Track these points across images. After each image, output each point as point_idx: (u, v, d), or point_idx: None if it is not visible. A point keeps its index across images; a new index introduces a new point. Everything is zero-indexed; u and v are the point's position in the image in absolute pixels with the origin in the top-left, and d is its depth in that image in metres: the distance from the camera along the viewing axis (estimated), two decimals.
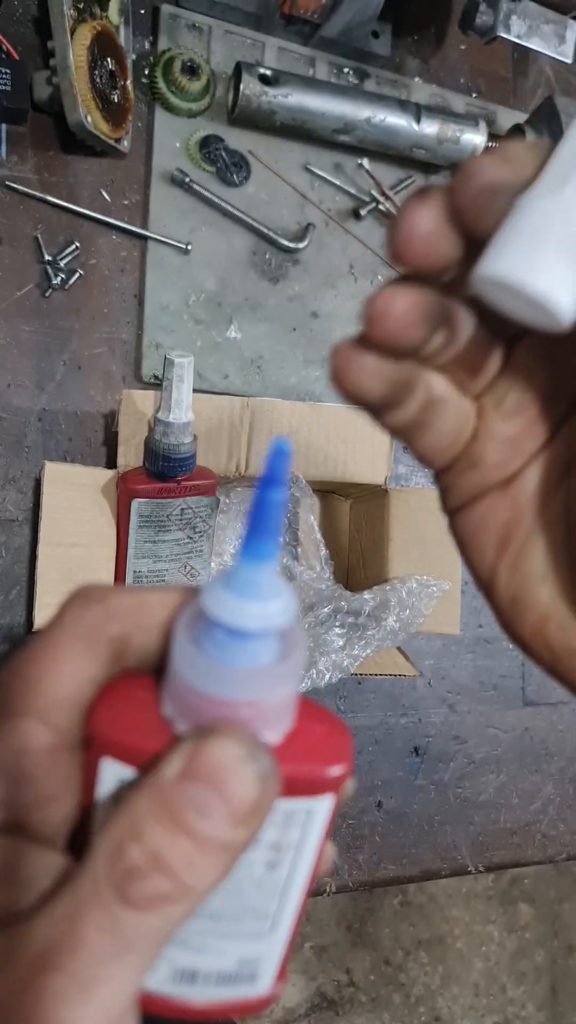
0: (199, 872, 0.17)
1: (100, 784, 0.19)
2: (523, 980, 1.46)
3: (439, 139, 0.66)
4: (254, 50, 0.65)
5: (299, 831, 0.20)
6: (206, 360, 0.62)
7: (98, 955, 0.16)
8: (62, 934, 0.16)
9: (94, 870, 0.16)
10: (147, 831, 0.17)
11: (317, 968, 1.34)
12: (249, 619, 0.18)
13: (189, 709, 0.18)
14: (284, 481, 0.17)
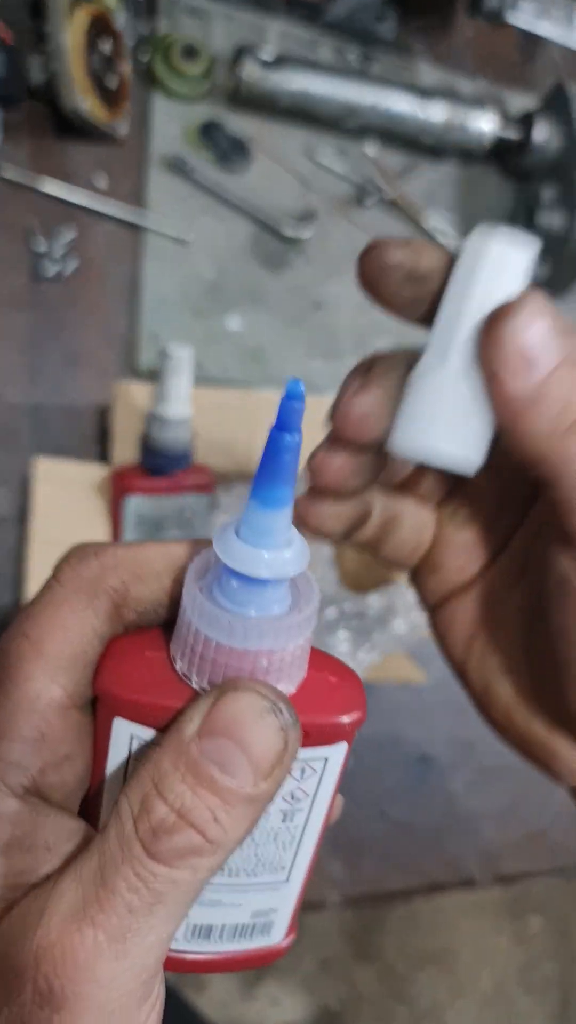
0: (226, 826, 0.17)
1: (113, 744, 0.19)
2: (533, 992, 1.43)
3: (446, 125, 0.64)
4: (256, 34, 0.64)
5: (315, 780, 0.20)
6: (205, 352, 0.60)
7: (130, 909, 0.16)
8: (93, 891, 0.16)
9: (120, 828, 0.17)
10: (172, 788, 0.17)
11: (320, 981, 1.32)
12: (263, 567, 0.18)
13: (203, 662, 0.18)
14: (297, 425, 0.17)
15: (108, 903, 0.16)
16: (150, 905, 0.17)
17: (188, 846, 0.17)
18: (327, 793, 0.21)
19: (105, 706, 0.19)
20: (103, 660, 0.19)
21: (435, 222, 0.67)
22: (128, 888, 0.16)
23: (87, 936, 0.16)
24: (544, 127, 0.64)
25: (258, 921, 0.22)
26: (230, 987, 1.27)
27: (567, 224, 0.63)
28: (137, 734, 0.19)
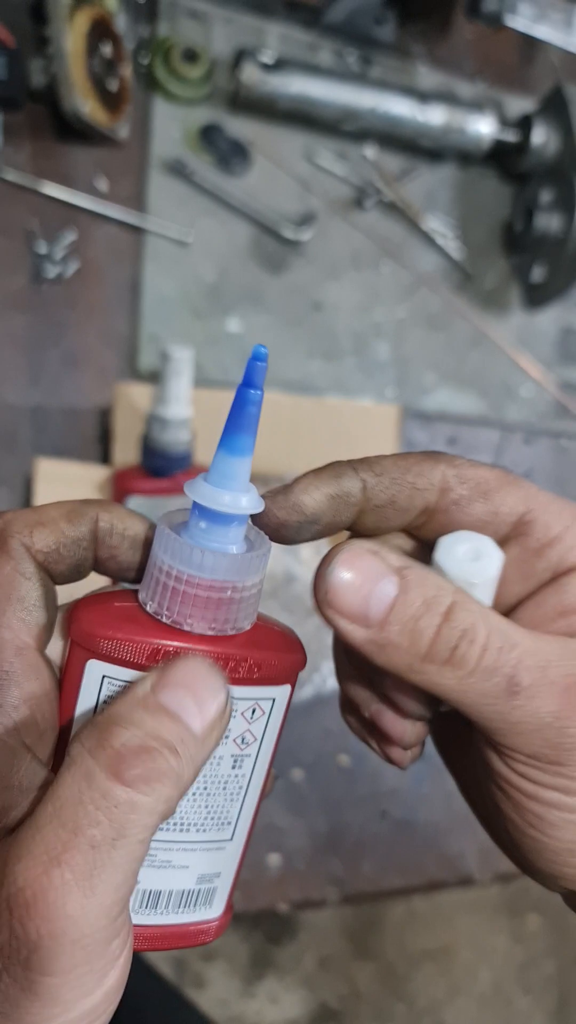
0: (186, 755, 0.18)
1: (84, 689, 0.20)
2: (531, 991, 1.44)
3: (445, 127, 0.64)
4: (255, 37, 0.64)
5: (263, 722, 0.22)
6: (205, 353, 0.60)
7: (92, 845, 0.17)
8: (53, 832, 0.17)
9: (75, 767, 0.18)
10: (133, 718, 0.18)
11: (320, 979, 1.32)
12: (226, 503, 0.20)
13: (175, 596, 0.20)
14: (260, 383, 0.20)
15: (71, 842, 0.17)
16: (112, 840, 0.17)
17: (154, 767, 0.18)
18: (271, 740, 0.23)
19: (79, 649, 0.21)
20: (75, 611, 0.21)
21: (434, 224, 0.67)
22: (89, 823, 0.17)
23: (54, 876, 0.17)
24: (542, 129, 0.64)
25: (203, 887, 0.23)
26: (230, 985, 1.28)
27: (565, 226, 0.63)
28: (110, 675, 0.20)
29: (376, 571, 0.20)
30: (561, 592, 0.22)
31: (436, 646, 0.20)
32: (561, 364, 0.72)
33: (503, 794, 0.22)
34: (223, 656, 0.21)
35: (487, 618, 0.20)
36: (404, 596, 0.20)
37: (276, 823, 0.59)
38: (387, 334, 0.66)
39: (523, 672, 0.20)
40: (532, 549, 0.23)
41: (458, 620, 0.20)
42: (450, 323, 0.68)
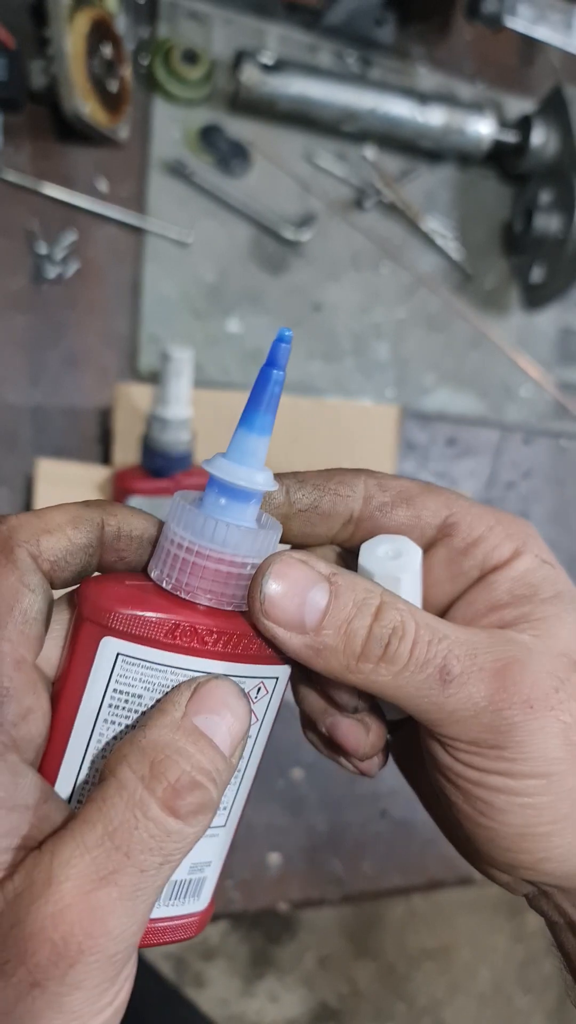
0: (222, 785, 0.19)
1: (96, 668, 0.20)
2: (531, 990, 1.44)
3: (444, 128, 0.64)
4: (255, 38, 0.64)
5: (265, 702, 0.23)
6: (205, 354, 0.60)
7: (142, 870, 0.18)
8: (104, 855, 0.18)
9: (129, 794, 0.18)
10: (183, 750, 0.19)
11: (320, 978, 1.32)
12: (242, 479, 0.21)
13: (194, 571, 0.20)
14: (284, 364, 0.20)
15: (122, 866, 0.18)
16: (159, 865, 0.18)
17: (203, 800, 0.19)
18: (270, 721, 0.23)
19: (92, 625, 0.20)
20: (85, 588, 0.21)
21: (434, 224, 0.67)
22: (142, 850, 0.18)
23: (102, 896, 0.18)
24: (542, 130, 0.65)
25: (193, 877, 0.23)
26: (230, 984, 1.28)
27: (564, 226, 0.63)
28: (126, 653, 0.20)
29: (307, 579, 0.21)
30: (490, 589, 0.23)
31: (369, 645, 0.21)
32: (560, 364, 0.72)
33: (452, 786, 0.22)
34: (239, 631, 0.21)
35: (415, 614, 0.21)
36: (335, 601, 0.21)
37: (276, 822, 0.59)
38: (387, 335, 0.66)
39: (453, 661, 0.21)
40: (458, 549, 0.24)
41: (388, 618, 0.21)
42: (450, 323, 0.68)
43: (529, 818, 0.21)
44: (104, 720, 0.21)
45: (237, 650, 0.21)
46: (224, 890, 0.56)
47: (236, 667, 0.21)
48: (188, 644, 0.21)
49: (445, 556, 0.24)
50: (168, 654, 0.21)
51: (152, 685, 0.21)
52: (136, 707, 0.21)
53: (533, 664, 0.21)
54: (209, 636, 0.21)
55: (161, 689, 0.21)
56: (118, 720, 0.21)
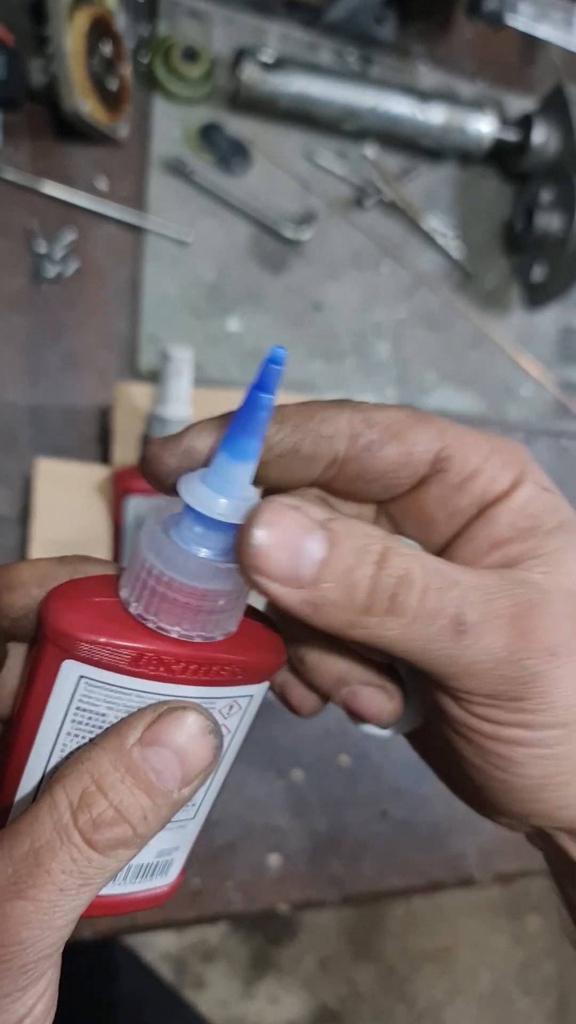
0: (151, 822, 0.19)
1: (56, 690, 0.20)
2: (531, 992, 1.43)
3: (445, 127, 0.64)
4: (255, 36, 0.64)
5: (238, 717, 0.22)
6: (205, 353, 0.60)
7: (61, 889, 0.18)
8: (27, 869, 0.18)
9: (58, 816, 0.19)
10: (113, 786, 0.19)
11: (320, 980, 1.32)
12: (219, 512, 0.19)
13: (163, 602, 0.19)
14: (274, 388, 0.19)
15: (41, 882, 0.18)
16: (79, 886, 0.19)
17: (121, 837, 0.19)
18: (244, 731, 0.23)
19: (54, 648, 0.20)
20: (50, 603, 0.20)
21: (434, 223, 0.67)
22: (63, 871, 0.18)
23: (17, 907, 0.18)
24: (543, 129, 0.64)
25: (160, 860, 0.23)
26: (230, 986, 1.27)
27: (565, 226, 0.63)
28: (89, 676, 0.20)
29: (301, 527, 0.19)
30: (490, 524, 0.22)
31: (374, 596, 0.19)
32: (561, 364, 0.71)
33: (463, 740, 0.21)
34: (208, 661, 0.20)
35: (422, 559, 0.19)
36: (334, 549, 0.19)
37: (276, 823, 0.59)
38: (387, 334, 0.66)
39: (467, 609, 0.19)
40: (453, 485, 0.22)
41: (393, 566, 0.19)
42: (450, 323, 0.68)
43: (548, 768, 0.20)
44: (67, 734, 0.20)
45: (208, 676, 0.20)
46: (224, 891, 0.56)
47: (206, 690, 0.21)
48: (154, 672, 0.20)
49: (439, 493, 0.22)
50: (132, 679, 0.20)
51: (116, 705, 0.20)
52: (100, 724, 0.20)
53: (551, 608, 0.20)
54: (176, 664, 0.20)
55: (126, 709, 0.20)
56: (81, 734, 0.21)
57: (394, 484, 0.22)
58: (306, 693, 0.25)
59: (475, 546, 0.22)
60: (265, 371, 0.19)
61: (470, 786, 0.23)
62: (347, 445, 0.22)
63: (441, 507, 0.22)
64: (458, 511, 0.22)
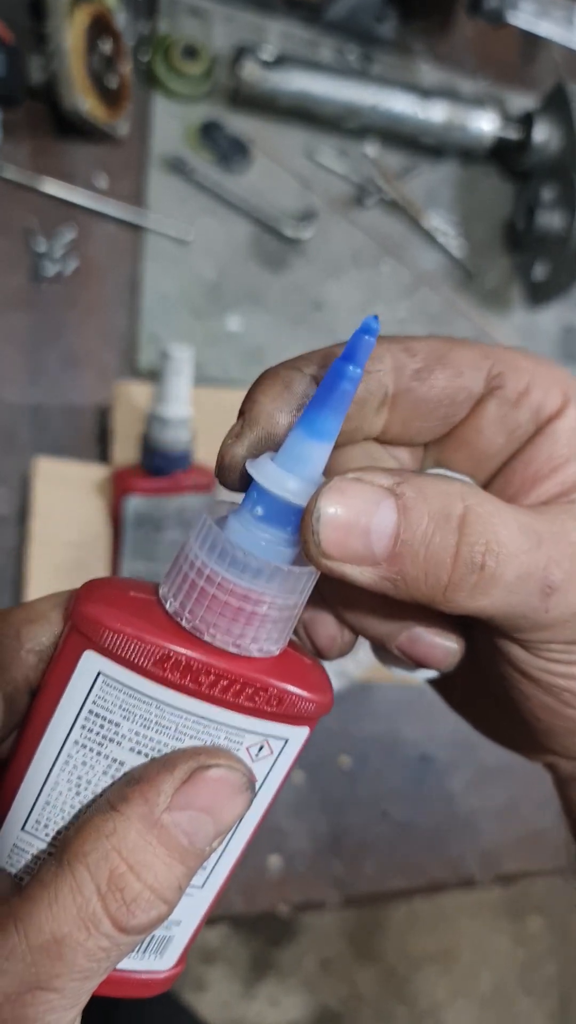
0: (183, 887, 0.18)
1: (73, 683, 0.18)
2: (533, 993, 1.43)
3: (446, 125, 0.64)
4: (256, 34, 0.64)
5: (268, 763, 0.19)
6: (205, 352, 0.60)
7: (87, 976, 0.17)
8: (53, 961, 0.17)
9: (83, 902, 0.17)
10: (146, 863, 0.17)
11: (321, 981, 1.32)
12: (289, 490, 0.17)
13: (201, 599, 0.18)
14: (363, 360, 0.17)
15: (65, 972, 0.17)
16: (106, 968, 0.18)
17: (158, 917, 0.18)
18: (274, 785, 0.20)
19: (78, 635, 0.18)
20: (82, 591, 0.19)
21: (435, 222, 0.67)
22: (89, 959, 0.17)
23: (39, 997, 0.17)
24: (544, 127, 0.64)
25: (157, 934, 0.21)
26: (230, 987, 1.27)
27: (567, 224, 0.63)
28: (108, 673, 0.18)
29: (368, 498, 0.17)
30: (551, 442, 0.20)
31: (458, 571, 0.17)
32: (563, 363, 0.71)
33: (527, 680, 0.21)
34: (242, 679, 0.18)
35: (503, 515, 0.18)
36: (405, 518, 0.17)
37: (277, 825, 0.58)
38: (388, 333, 0.66)
39: (554, 569, 0.18)
40: (511, 401, 0.20)
41: (476, 533, 0.17)
42: (451, 322, 0.68)
43: None
44: (75, 742, 0.19)
45: (238, 699, 0.18)
46: (224, 893, 0.55)
47: (235, 717, 0.19)
48: (179, 680, 0.18)
49: (496, 412, 0.20)
50: (155, 685, 0.18)
51: (132, 715, 0.18)
52: (112, 735, 0.19)
53: None
54: (205, 676, 0.18)
55: (142, 722, 0.18)
56: (90, 745, 0.19)
57: (452, 412, 0.21)
58: (337, 632, 0.22)
59: (535, 468, 0.21)
60: (355, 341, 0.17)
61: (515, 726, 0.22)
62: (395, 377, 0.20)
63: (500, 427, 0.21)
64: (517, 428, 0.21)
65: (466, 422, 0.21)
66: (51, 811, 0.19)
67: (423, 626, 0.21)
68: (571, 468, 0.20)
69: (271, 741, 0.19)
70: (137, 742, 0.19)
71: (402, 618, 0.21)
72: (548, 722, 0.21)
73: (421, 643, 0.21)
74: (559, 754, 0.23)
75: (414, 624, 0.21)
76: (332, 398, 0.17)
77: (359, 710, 0.61)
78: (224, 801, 0.18)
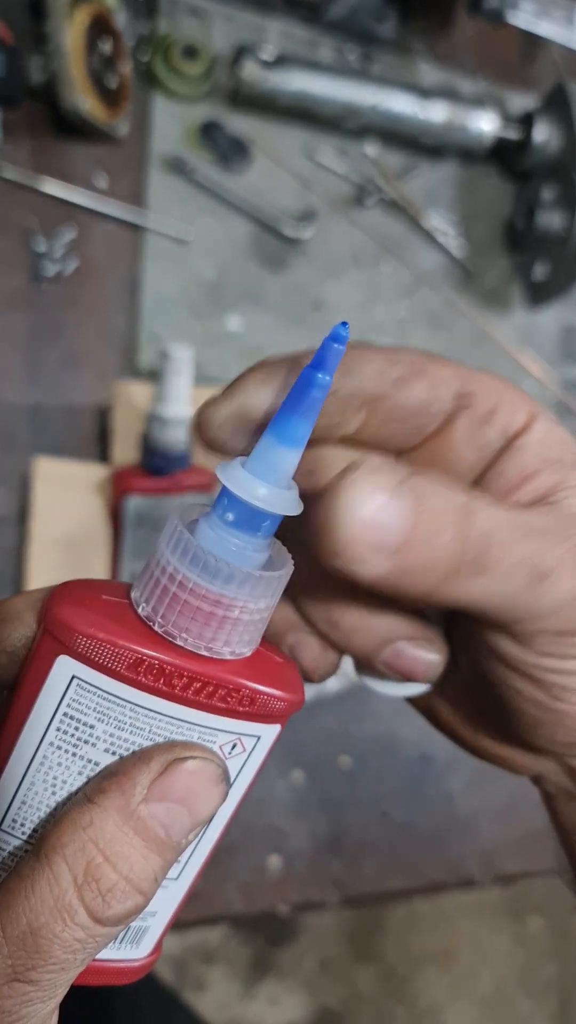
0: (160, 880, 0.19)
1: (47, 688, 0.18)
2: (532, 993, 1.43)
3: (446, 125, 0.64)
4: (256, 33, 0.63)
5: (241, 760, 0.20)
6: (205, 352, 0.60)
7: (63, 968, 0.18)
8: (29, 953, 0.17)
9: (60, 892, 0.17)
10: (121, 854, 0.18)
11: (320, 981, 1.32)
12: (258, 497, 0.17)
13: (173, 604, 0.18)
14: (332, 368, 0.17)
15: (42, 964, 0.17)
16: (82, 960, 0.18)
17: (133, 909, 0.18)
18: (246, 781, 0.21)
19: (51, 640, 0.18)
20: (55, 595, 0.19)
21: (435, 222, 0.67)
22: (64, 950, 0.17)
23: (16, 988, 0.17)
24: (544, 127, 0.64)
25: (133, 925, 0.21)
26: (230, 987, 1.27)
27: (567, 224, 0.63)
28: (82, 677, 0.18)
29: (382, 489, 0.18)
30: (519, 455, 0.21)
31: (463, 557, 0.18)
32: (563, 363, 0.71)
33: (521, 676, 0.21)
34: (214, 681, 0.18)
35: (499, 509, 0.19)
36: (419, 508, 0.18)
37: (276, 825, 0.58)
38: (388, 333, 0.66)
39: (546, 555, 0.19)
40: (479, 419, 0.22)
41: (480, 521, 0.18)
42: (452, 322, 0.68)
43: None
44: (50, 744, 0.19)
45: (211, 700, 0.19)
46: (224, 892, 0.55)
47: (208, 718, 0.19)
48: (153, 683, 0.18)
49: (467, 428, 0.22)
50: (129, 689, 0.18)
51: (107, 718, 0.19)
52: (87, 737, 0.19)
53: None
54: (179, 679, 0.18)
55: (117, 724, 0.19)
56: (65, 747, 0.19)
57: (424, 423, 0.22)
58: (322, 654, 0.23)
59: (507, 479, 0.22)
60: (324, 349, 0.17)
61: (502, 734, 0.23)
62: (376, 383, 0.21)
63: (470, 443, 0.22)
64: (486, 444, 0.22)
65: (439, 440, 0.22)
66: (27, 810, 0.20)
67: (405, 640, 0.22)
68: (542, 477, 0.21)
69: (244, 739, 0.20)
70: (112, 743, 0.19)
71: (385, 633, 0.22)
72: (536, 716, 0.22)
73: (404, 656, 0.22)
74: (546, 751, 0.23)
75: (397, 638, 0.22)
76: (302, 405, 0.18)
77: (359, 710, 0.61)
78: (200, 792, 0.18)
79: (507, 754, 0.25)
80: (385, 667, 0.22)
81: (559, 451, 0.21)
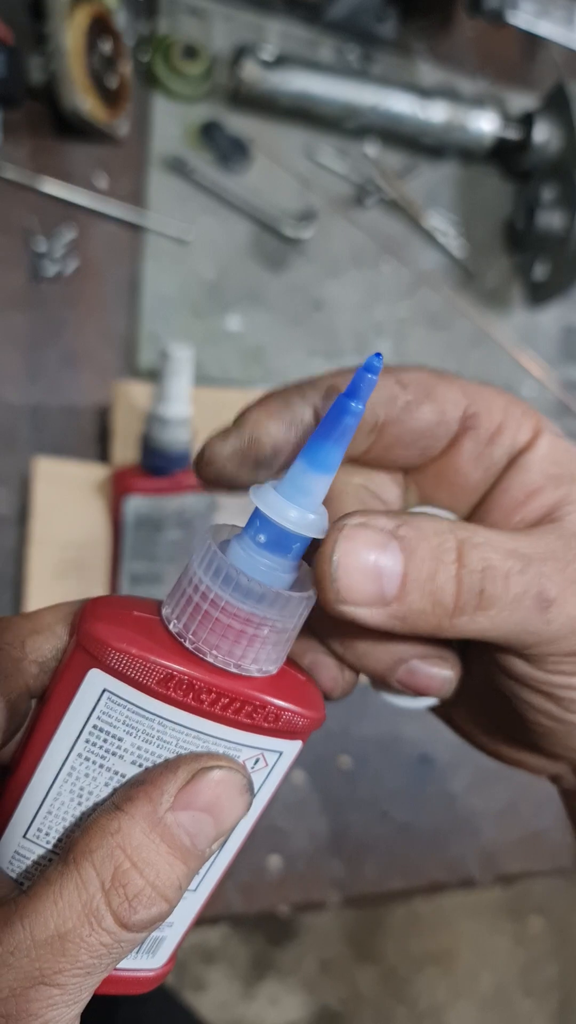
0: (184, 888, 0.19)
1: (77, 701, 0.19)
2: (533, 993, 1.43)
3: (446, 125, 0.64)
4: (256, 33, 0.63)
5: (263, 775, 0.20)
6: (205, 352, 0.60)
7: (89, 972, 0.18)
8: (56, 956, 0.17)
9: (88, 898, 0.18)
10: (148, 860, 0.18)
11: (321, 981, 1.32)
12: (290, 520, 0.18)
13: (204, 621, 0.18)
14: (365, 396, 0.18)
15: (68, 968, 0.17)
16: (107, 965, 0.18)
17: (158, 915, 0.18)
18: (267, 794, 0.21)
19: (84, 654, 0.19)
20: (88, 610, 0.20)
21: (435, 222, 0.67)
22: (91, 955, 0.18)
23: (42, 992, 0.17)
24: (544, 127, 0.64)
25: (152, 935, 0.22)
26: (230, 987, 1.27)
27: (567, 224, 0.63)
28: (113, 691, 0.19)
29: (373, 543, 0.19)
30: (522, 473, 0.22)
31: (461, 598, 0.19)
32: (563, 363, 0.71)
33: (533, 691, 0.22)
34: (241, 698, 0.19)
35: (493, 543, 0.19)
36: (411, 559, 0.19)
37: (277, 825, 0.58)
38: (388, 333, 0.66)
39: (548, 584, 0.19)
40: (484, 439, 0.22)
41: (473, 560, 0.19)
42: (452, 322, 0.68)
43: None
44: (78, 755, 0.19)
45: (238, 716, 0.19)
46: (224, 892, 0.55)
47: (233, 733, 0.19)
48: (182, 698, 0.19)
49: (472, 449, 0.22)
50: (158, 703, 0.19)
51: (136, 731, 0.19)
52: (115, 749, 0.19)
53: None
54: (207, 695, 0.19)
55: (144, 737, 0.19)
56: (93, 758, 0.19)
57: (431, 446, 0.22)
58: (339, 674, 0.24)
59: (512, 496, 0.22)
60: (359, 378, 0.18)
61: (517, 740, 0.23)
62: (387, 409, 0.22)
63: (475, 463, 0.22)
64: (492, 464, 0.22)
65: (445, 460, 0.23)
66: (53, 820, 0.20)
67: (419, 658, 0.23)
68: (546, 493, 0.22)
69: (267, 754, 0.20)
70: (139, 756, 0.19)
71: (399, 653, 0.23)
72: (550, 726, 0.22)
73: (418, 674, 0.23)
74: (561, 757, 0.24)
75: (410, 658, 0.23)
76: (335, 432, 0.18)
77: (359, 710, 0.61)
78: (225, 801, 0.19)
79: (524, 758, 0.25)
80: (400, 685, 0.23)
81: (563, 467, 0.22)
